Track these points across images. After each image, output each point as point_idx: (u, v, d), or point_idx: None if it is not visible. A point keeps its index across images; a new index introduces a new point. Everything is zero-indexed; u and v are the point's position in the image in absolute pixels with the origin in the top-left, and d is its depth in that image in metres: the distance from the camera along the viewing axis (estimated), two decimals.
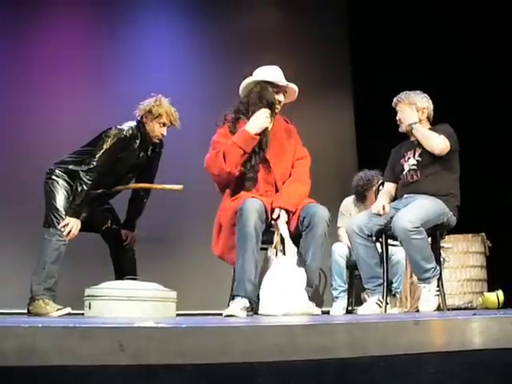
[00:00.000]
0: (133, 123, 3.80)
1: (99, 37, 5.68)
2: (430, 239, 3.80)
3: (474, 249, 5.40)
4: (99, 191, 3.79)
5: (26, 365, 1.41)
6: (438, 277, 3.46)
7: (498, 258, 5.38)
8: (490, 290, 5.18)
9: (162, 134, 3.85)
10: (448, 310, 3.69)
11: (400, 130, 3.78)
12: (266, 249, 3.19)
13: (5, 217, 5.13)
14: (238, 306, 2.95)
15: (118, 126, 3.75)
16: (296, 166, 3.41)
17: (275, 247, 3.10)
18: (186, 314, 3.98)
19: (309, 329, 1.62)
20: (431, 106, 3.78)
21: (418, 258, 3.39)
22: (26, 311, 3.62)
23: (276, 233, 3.13)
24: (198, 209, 5.12)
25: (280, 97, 3.39)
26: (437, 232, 3.63)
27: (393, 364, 1.71)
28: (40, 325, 1.45)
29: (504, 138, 5.65)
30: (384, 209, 3.55)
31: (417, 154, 3.66)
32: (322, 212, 3.14)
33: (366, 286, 3.63)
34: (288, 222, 3.15)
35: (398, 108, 3.74)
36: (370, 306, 3.52)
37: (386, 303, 3.55)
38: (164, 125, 3.82)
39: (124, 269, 3.85)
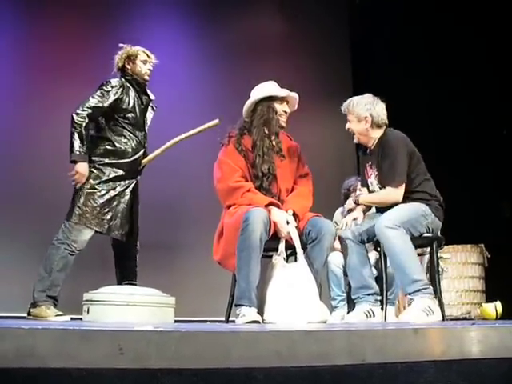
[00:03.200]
0: (116, 80, 3.80)
1: (104, 39, 5.71)
2: (428, 250, 3.79)
3: (472, 259, 5.40)
4: (128, 160, 3.74)
5: (24, 366, 1.41)
6: (429, 296, 3.20)
7: (496, 269, 5.39)
8: (489, 301, 5.19)
9: (150, 70, 3.89)
10: (446, 320, 3.68)
11: (354, 140, 3.70)
12: (269, 256, 3.20)
13: (5, 220, 5.13)
14: (253, 312, 2.97)
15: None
16: (299, 184, 3.47)
17: (280, 254, 3.13)
18: (184, 320, 3.98)
19: (307, 335, 1.62)
20: (378, 111, 3.50)
21: (401, 262, 3.21)
22: (25, 315, 3.61)
23: (281, 240, 3.16)
24: (197, 215, 5.13)
25: (285, 107, 3.44)
26: (433, 243, 3.56)
27: (391, 372, 1.72)
28: (40, 327, 1.46)
29: (503, 149, 5.67)
30: (356, 220, 3.50)
31: (376, 174, 3.52)
32: (329, 226, 3.22)
33: (353, 296, 3.50)
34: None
35: (347, 117, 3.66)
36: (357, 316, 3.40)
37: (386, 311, 3.52)
38: (145, 62, 3.86)
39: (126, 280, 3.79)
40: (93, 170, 3.68)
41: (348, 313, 4.36)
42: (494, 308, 4.87)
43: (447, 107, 5.92)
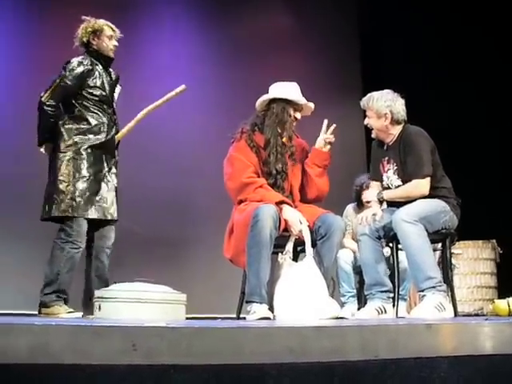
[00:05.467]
0: (80, 56, 3.69)
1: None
2: (439, 245, 3.77)
3: (484, 255, 5.37)
4: (105, 138, 3.65)
5: (38, 363, 1.42)
6: (442, 294, 3.21)
7: (508, 264, 5.36)
8: (501, 297, 5.15)
9: (115, 46, 3.78)
10: (458, 316, 3.66)
11: (372, 135, 3.68)
12: (277, 253, 3.19)
13: (6, 218, 5.14)
14: (264, 309, 2.98)
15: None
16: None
17: (286, 253, 3.12)
18: (194, 317, 3.98)
19: (320, 331, 1.62)
20: (398, 107, 3.47)
21: (417, 258, 3.21)
22: (28, 312, 3.61)
23: (290, 238, 3.15)
24: (208, 212, 5.13)
25: (297, 115, 3.42)
26: (446, 240, 3.55)
27: (404, 367, 1.71)
28: (53, 323, 1.47)
29: None
30: (375, 215, 3.47)
31: (395, 169, 3.49)
32: (338, 222, 3.21)
33: (366, 292, 3.50)
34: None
35: (366, 113, 3.64)
36: (369, 312, 3.39)
37: (397, 307, 3.50)
38: (111, 37, 3.74)
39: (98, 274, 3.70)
40: (75, 156, 3.57)
41: (358, 309, 4.37)
42: (507, 304, 4.82)
43: (458, 102, 5.89)
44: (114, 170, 3.73)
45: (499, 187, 5.54)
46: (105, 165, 3.67)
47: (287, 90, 3.41)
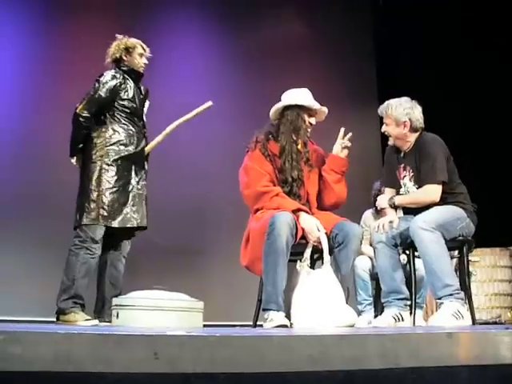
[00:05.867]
0: (112, 70, 3.80)
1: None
2: (456, 253, 3.75)
3: (502, 263, 5.33)
4: (135, 149, 3.75)
5: (61, 370, 1.43)
6: (460, 302, 3.18)
7: None
8: None
9: (145, 64, 3.91)
10: (476, 324, 3.63)
11: (389, 142, 3.68)
12: (293, 261, 3.19)
13: (14, 225, 5.18)
14: (281, 317, 2.98)
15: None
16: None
17: (304, 261, 3.13)
18: (211, 324, 3.99)
19: (341, 339, 1.62)
20: (416, 115, 3.48)
21: (435, 266, 3.19)
22: (34, 319, 3.65)
23: (308, 246, 3.16)
24: (225, 220, 5.14)
25: (312, 120, 3.44)
26: (463, 247, 3.53)
27: (424, 376, 1.70)
28: (76, 332, 1.48)
29: None
30: (392, 223, 3.45)
31: (411, 175, 3.50)
32: (356, 230, 3.22)
33: (383, 300, 3.48)
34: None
35: (384, 120, 3.64)
36: (386, 319, 3.37)
37: (415, 315, 3.49)
38: (142, 55, 3.87)
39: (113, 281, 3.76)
40: (105, 166, 3.66)
41: (375, 317, 4.34)
42: None
43: (474, 109, 5.86)
44: (143, 180, 3.82)
45: None
46: (134, 175, 3.76)
47: (300, 96, 3.43)
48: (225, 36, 6.29)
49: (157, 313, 3.23)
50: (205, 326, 3.48)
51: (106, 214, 3.62)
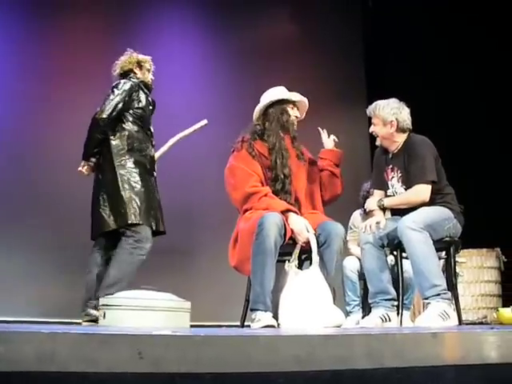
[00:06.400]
0: (126, 80, 3.89)
1: (116, 44, 5.75)
2: (443, 254, 3.77)
3: (488, 264, 5.36)
4: (150, 155, 3.87)
5: (44, 370, 1.42)
6: (447, 302, 3.20)
7: None
8: (505, 305, 5.14)
9: (152, 79, 4.06)
10: (462, 325, 3.65)
11: (376, 143, 3.71)
12: (282, 261, 3.19)
13: (18, 226, 5.16)
14: (268, 317, 2.98)
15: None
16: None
17: (292, 261, 3.12)
18: (199, 325, 3.97)
19: (327, 339, 1.62)
20: (404, 116, 3.52)
21: (423, 266, 3.20)
22: (36, 319, 3.63)
23: (297, 246, 3.15)
24: (213, 220, 5.14)
25: (296, 112, 3.46)
26: (450, 248, 3.55)
27: (410, 376, 1.71)
28: (60, 331, 1.47)
29: None
30: (379, 223, 3.47)
31: (399, 176, 3.52)
32: (338, 229, 3.22)
33: (370, 300, 3.49)
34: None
35: (372, 120, 3.67)
36: (373, 320, 3.38)
37: (402, 316, 3.50)
38: (149, 71, 4.03)
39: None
40: (127, 170, 3.74)
41: (363, 317, 4.35)
42: (511, 312, 4.82)
43: (462, 110, 5.90)
44: (156, 186, 3.93)
45: (504, 195, 5.54)
46: (153, 180, 3.88)
47: (277, 92, 3.46)
48: (216, 36, 6.27)
49: (144, 313, 3.21)
50: (192, 326, 3.46)
51: (141, 213, 3.70)
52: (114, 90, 3.81)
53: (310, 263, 3.14)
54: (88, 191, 3.79)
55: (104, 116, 3.72)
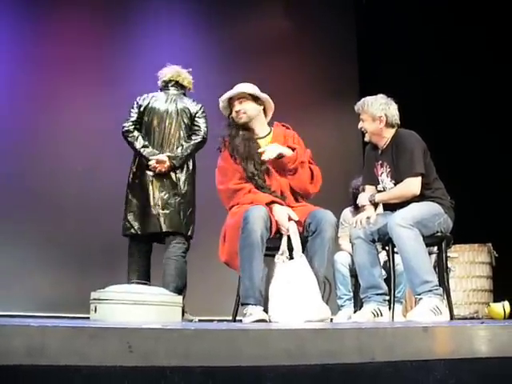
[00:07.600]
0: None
1: (112, 38, 5.75)
2: (435, 249, 3.78)
3: (480, 259, 5.38)
4: None
5: (34, 364, 1.41)
6: (439, 298, 3.20)
7: (504, 268, 5.37)
8: (496, 300, 5.17)
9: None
10: (454, 319, 3.66)
11: (365, 139, 3.72)
12: (269, 255, 3.18)
13: (15, 222, 5.14)
14: (259, 311, 2.97)
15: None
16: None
17: (282, 254, 3.10)
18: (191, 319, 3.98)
19: (317, 333, 1.62)
20: (392, 111, 3.53)
21: (413, 263, 3.20)
22: (26, 314, 3.63)
23: (284, 237, 3.14)
24: (205, 215, 5.12)
25: (235, 107, 3.46)
26: (442, 243, 3.55)
27: (400, 370, 1.71)
28: (49, 325, 1.46)
29: (510, 148, 5.65)
30: (369, 218, 3.47)
31: (388, 171, 3.53)
32: (328, 217, 3.17)
33: (362, 295, 3.49)
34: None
35: (361, 116, 3.67)
36: (365, 315, 3.38)
37: (393, 310, 3.50)
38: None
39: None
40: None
41: (355, 312, 4.36)
42: (502, 307, 4.84)
43: (453, 106, 5.91)
44: None
45: (495, 190, 5.55)
46: None
47: (227, 94, 3.49)
48: (207, 32, 6.25)
49: (135, 307, 3.21)
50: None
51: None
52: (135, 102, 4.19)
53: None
54: (78, 188, 3.78)
55: (125, 127, 4.09)
